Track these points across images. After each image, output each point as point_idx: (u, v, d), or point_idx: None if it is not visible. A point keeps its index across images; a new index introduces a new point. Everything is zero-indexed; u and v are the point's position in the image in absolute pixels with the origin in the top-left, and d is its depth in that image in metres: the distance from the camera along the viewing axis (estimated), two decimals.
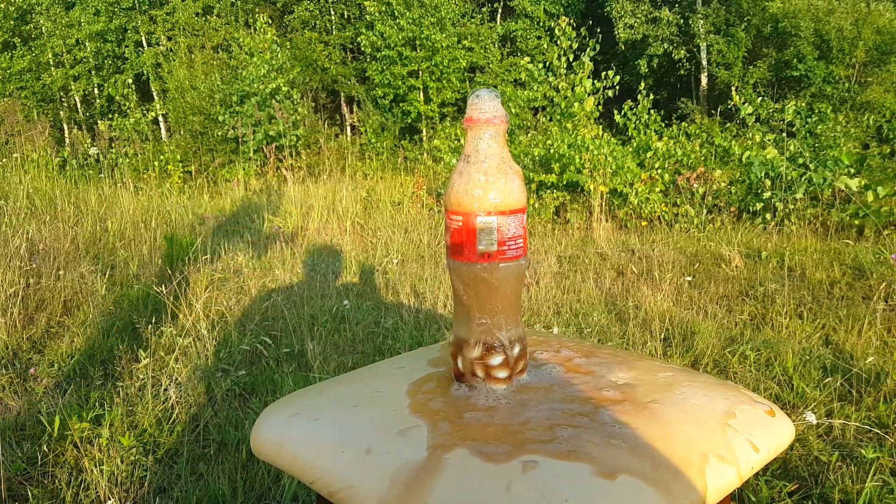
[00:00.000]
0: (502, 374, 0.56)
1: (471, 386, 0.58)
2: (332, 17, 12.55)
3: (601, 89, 4.80)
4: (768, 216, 3.86)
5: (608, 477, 0.46)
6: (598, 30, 5.53)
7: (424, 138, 10.15)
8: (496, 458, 0.49)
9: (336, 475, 0.52)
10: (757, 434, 0.53)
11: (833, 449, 1.39)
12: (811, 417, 1.29)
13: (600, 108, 4.86)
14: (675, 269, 2.91)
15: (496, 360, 0.55)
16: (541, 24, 11.92)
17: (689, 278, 2.77)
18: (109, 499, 1.26)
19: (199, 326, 2.01)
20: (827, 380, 1.67)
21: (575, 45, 4.90)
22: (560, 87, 4.87)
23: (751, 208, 3.99)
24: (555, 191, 4.32)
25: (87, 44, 11.21)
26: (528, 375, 0.58)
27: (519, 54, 11.24)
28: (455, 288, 0.56)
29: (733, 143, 4.62)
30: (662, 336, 2.05)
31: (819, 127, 4.60)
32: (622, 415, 0.53)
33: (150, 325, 2.09)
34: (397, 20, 10.15)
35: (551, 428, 0.51)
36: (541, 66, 5.22)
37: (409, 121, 10.71)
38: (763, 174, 3.96)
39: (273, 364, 1.89)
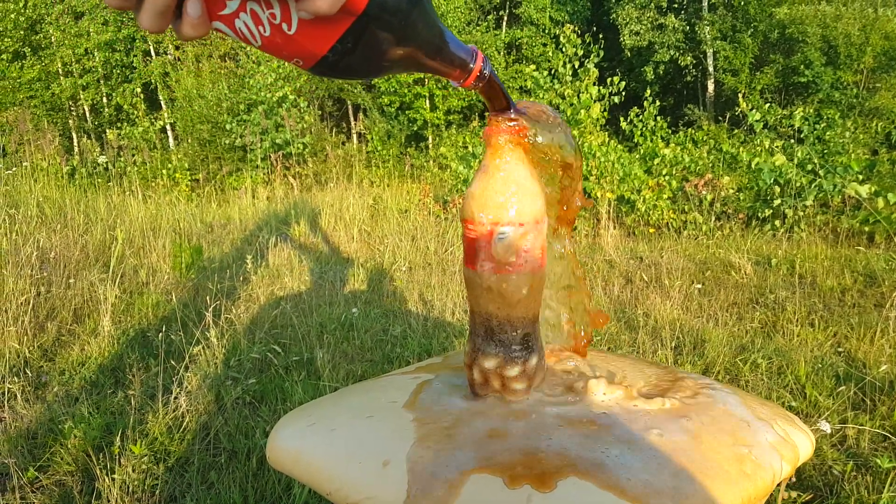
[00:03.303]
0: (520, 385, 0.56)
1: (487, 397, 0.58)
2: None
3: (607, 96, 4.81)
4: (778, 223, 3.84)
5: (631, 491, 0.45)
6: (601, 36, 5.52)
7: (430, 146, 10.17)
8: (515, 473, 0.48)
9: (354, 486, 0.52)
10: (780, 447, 0.52)
11: (848, 458, 1.38)
12: (825, 426, 1.28)
13: (606, 114, 4.86)
14: (684, 277, 2.90)
15: (513, 371, 0.55)
16: (546, 31, 11.95)
17: (699, 286, 2.76)
18: None
19: (209, 334, 2.01)
20: (840, 388, 1.66)
21: (580, 52, 4.91)
22: (566, 94, 4.87)
23: (760, 215, 3.97)
24: None
25: (95, 53, 11.33)
26: (547, 387, 0.58)
27: (524, 62, 11.27)
28: (471, 297, 0.56)
29: (741, 149, 4.61)
30: (673, 344, 2.04)
31: (827, 133, 4.59)
32: (644, 428, 0.53)
33: (160, 334, 2.09)
34: None
35: (572, 442, 0.51)
36: (546, 73, 5.23)
37: (415, 128, 10.75)
38: (772, 181, 3.94)
39: (282, 372, 1.90)
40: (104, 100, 11.89)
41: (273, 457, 0.61)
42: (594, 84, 4.76)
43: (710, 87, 11.29)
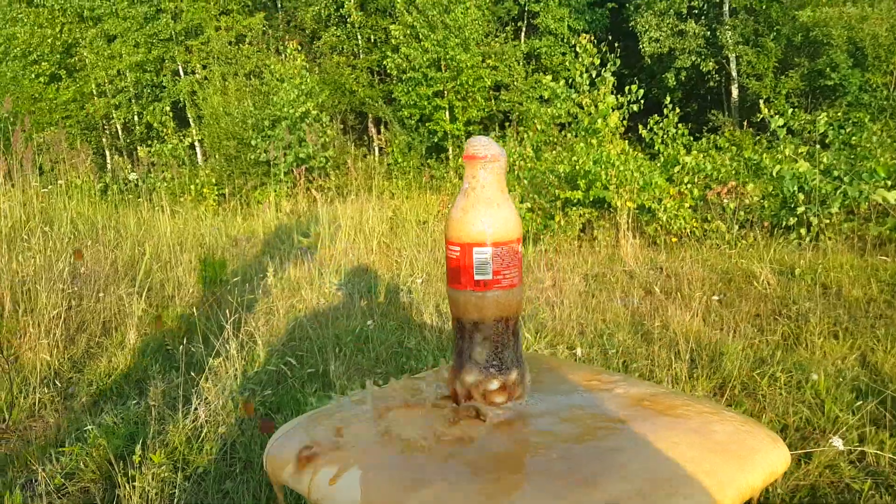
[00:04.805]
0: (499, 398, 0.58)
1: (468, 410, 0.60)
2: (359, 42, 12.86)
3: (625, 104, 4.79)
4: (802, 231, 3.76)
5: (598, 501, 0.47)
6: (617, 45, 5.50)
7: (450, 157, 10.23)
8: (486, 478, 0.50)
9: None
10: (749, 461, 0.53)
11: (866, 476, 1.35)
12: (838, 443, 1.25)
13: (626, 122, 4.83)
14: (704, 287, 2.86)
15: (493, 385, 0.57)
16: (565, 40, 11.95)
17: (717, 297, 2.72)
18: None
19: (229, 347, 2.06)
20: (859, 403, 1.62)
21: (597, 61, 4.90)
22: (584, 103, 4.86)
23: (784, 223, 3.89)
24: (581, 207, 4.30)
25: (127, 74, 11.74)
26: (527, 401, 0.60)
27: (543, 71, 11.27)
28: (453, 314, 0.58)
29: (765, 155, 4.53)
30: (689, 357, 2.02)
31: (854, 138, 4.48)
32: (617, 440, 0.54)
33: (181, 346, 2.16)
34: (421, 42, 10.35)
35: (544, 452, 0.52)
36: (562, 82, 5.23)
37: (436, 140, 10.83)
38: (796, 188, 3.87)
39: (297, 384, 1.93)
40: (135, 118, 12.29)
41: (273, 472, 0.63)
42: (612, 93, 4.75)
43: (735, 92, 11.12)
